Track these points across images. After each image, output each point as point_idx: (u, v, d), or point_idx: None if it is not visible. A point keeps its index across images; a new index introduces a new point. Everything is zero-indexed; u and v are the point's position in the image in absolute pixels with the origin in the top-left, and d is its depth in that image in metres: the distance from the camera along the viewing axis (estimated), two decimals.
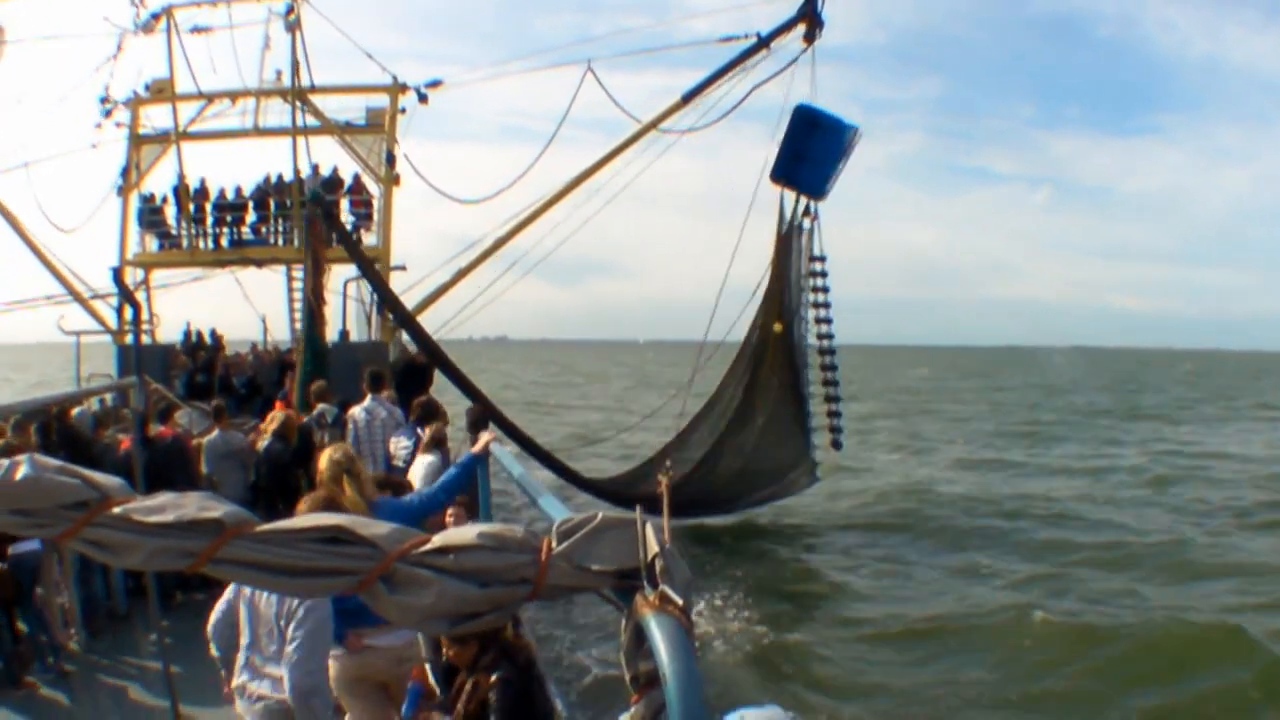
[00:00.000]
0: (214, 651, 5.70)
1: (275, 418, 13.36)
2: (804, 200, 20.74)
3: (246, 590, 5.43)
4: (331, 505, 5.62)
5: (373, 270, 21.26)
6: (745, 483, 22.44)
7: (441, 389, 18.55)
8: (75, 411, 12.50)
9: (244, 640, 5.47)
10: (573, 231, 22.71)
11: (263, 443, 12.94)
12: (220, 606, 5.64)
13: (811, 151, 20.15)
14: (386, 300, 21.61)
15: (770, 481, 22.96)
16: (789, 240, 20.93)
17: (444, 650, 5.29)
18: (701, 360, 20.97)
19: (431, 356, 19.71)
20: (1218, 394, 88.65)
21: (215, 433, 13.58)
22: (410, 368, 19.06)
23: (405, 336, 22.75)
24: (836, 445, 22.29)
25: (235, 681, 5.49)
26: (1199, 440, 45.99)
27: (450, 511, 7.28)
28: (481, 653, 4.99)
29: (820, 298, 21.37)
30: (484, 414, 12.48)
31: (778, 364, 21.39)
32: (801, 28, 20.82)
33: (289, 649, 5.19)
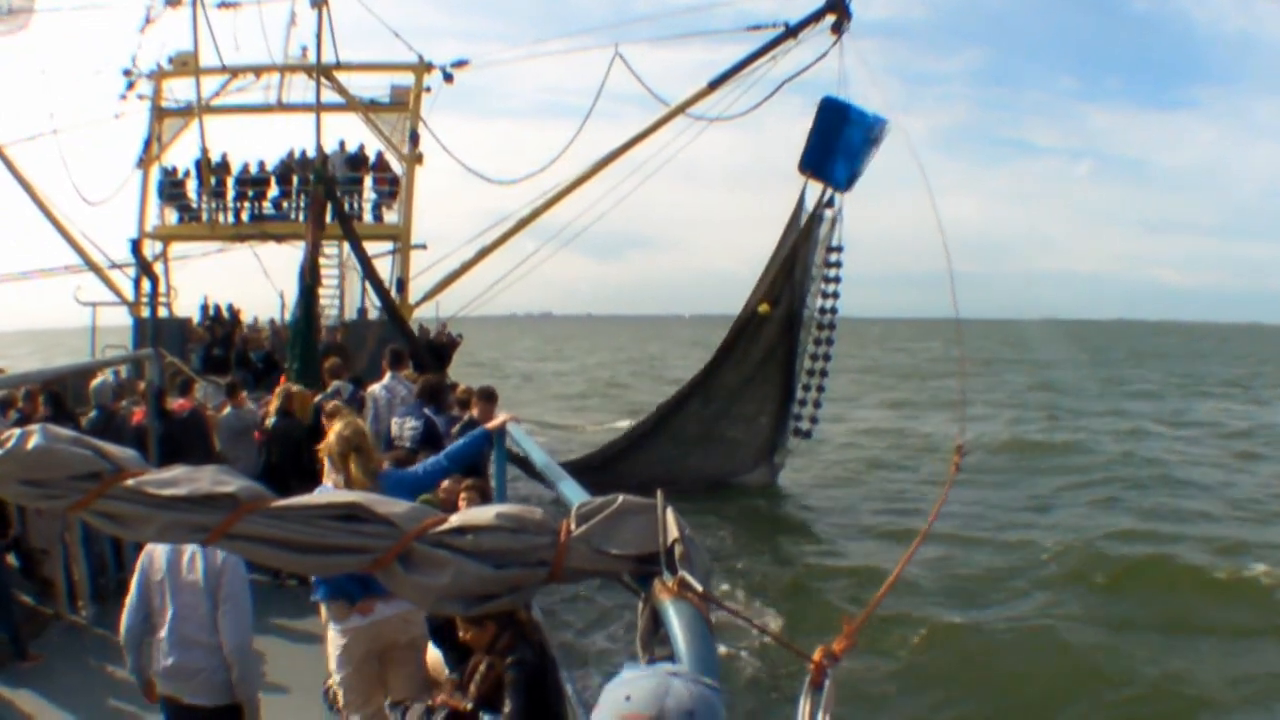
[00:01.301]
0: (129, 660, 5.62)
1: (277, 393, 13.29)
2: (828, 191, 20.70)
3: (158, 570, 5.44)
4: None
5: (365, 253, 21.27)
6: (694, 457, 22.44)
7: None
8: (95, 382, 12.47)
9: (168, 619, 5.42)
10: (603, 213, 22.91)
11: (270, 420, 12.87)
12: (131, 603, 5.56)
13: (840, 144, 20.12)
14: (372, 281, 21.64)
15: (722, 459, 22.82)
16: (808, 228, 20.90)
17: (460, 632, 5.25)
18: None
19: (410, 342, 19.78)
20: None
21: (228, 409, 13.56)
22: (428, 347, 19.11)
23: (423, 315, 22.81)
24: (808, 434, 22.31)
25: (163, 664, 5.45)
26: None
27: (462, 495, 7.23)
28: (498, 634, 4.97)
29: (831, 288, 21.35)
30: (436, 384, 12.36)
31: (762, 345, 21.44)
32: (830, 19, 20.75)
33: (223, 610, 5.33)
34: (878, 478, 28.28)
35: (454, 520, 2.33)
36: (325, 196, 19.49)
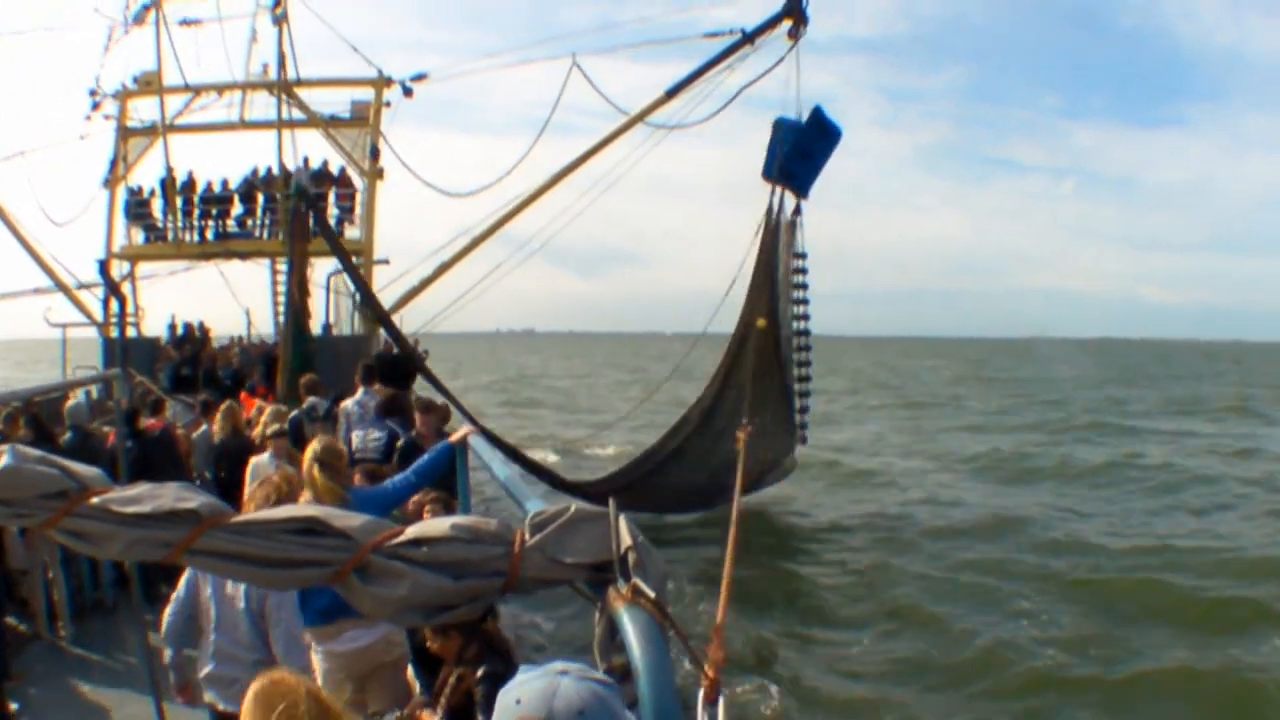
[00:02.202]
0: (167, 654, 5.78)
1: (222, 411, 13.25)
2: (793, 199, 20.66)
3: (205, 578, 5.55)
4: (286, 498, 5.72)
5: (352, 265, 21.23)
6: (717, 477, 22.34)
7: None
8: (70, 403, 12.44)
9: (211, 630, 5.58)
10: (563, 226, 22.67)
11: (218, 438, 12.78)
12: (174, 608, 5.71)
13: (816, 153, 20.17)
14: (365, 295, 21.60)
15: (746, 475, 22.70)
16: (778, 236, 20.83)
17: (427, 642, 5.29)
18: (689, 353, 20.94)
19: (405, 352, 19.75)
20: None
21: (204, 427, 13.55)
22: (390, 361, 19.06)
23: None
24: (803, 440, 22.32)
25: (204, 671, 5.59)
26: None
27: (427, 507, 7.26)
28: (465, 645, 5.00)
29: (801, 294, 21.36)
30: (396, 399, 12.39)
31: (762, 359, 21.29)
32: (787, 24, 20.75)
33: (274, 636, 5.45)
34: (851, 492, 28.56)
35: (410, 532, 2.38)
36: (307, 210, 19.47)
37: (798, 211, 20.74)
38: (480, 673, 4.86)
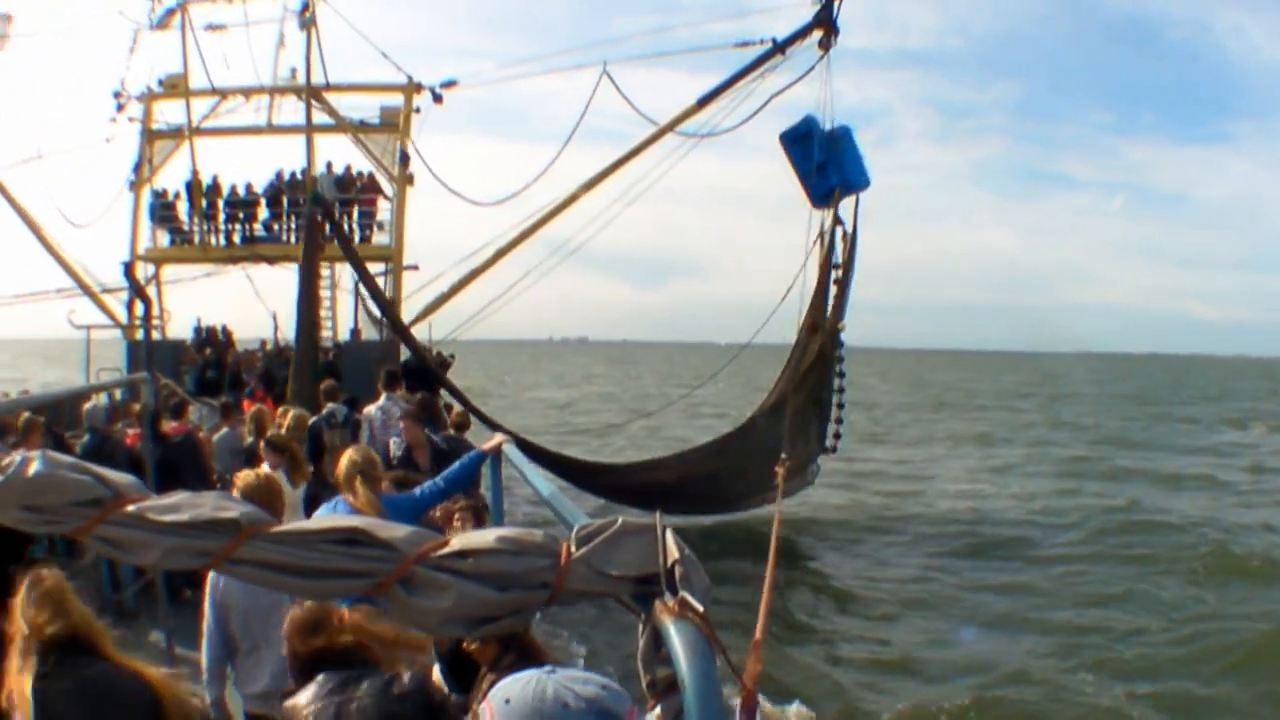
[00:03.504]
0: (211, 694, 5.80)
1: (249, 415, 13.30)
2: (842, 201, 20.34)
3: (232, 593, 5.64)
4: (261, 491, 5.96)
5: (367, 272, 21.30)
6: (754, 480, 22.24)
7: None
8: (88, 405, 12.47)
9: (249, 644, 5.69)
10: (594, 233, 22.72)
11: (248, 441, 12.83)
12: (211, 644, 5.82)
13: (827, 157, 19.96)
14: (378, 302, 21.66)
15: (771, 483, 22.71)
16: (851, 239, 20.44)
17: (464, 644, 5.27)
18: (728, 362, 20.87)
19: (419, 359, 19.78)
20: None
21: (225, 429, 13.59)
22: (419, 368, 19.11)
23: (416, 334, 22.76)
24: (833, 449, 22.18)
25: (253, 688, 5.72)
26: None
27: (456, 516, 7.24)
28: (502, 653, 4.96)
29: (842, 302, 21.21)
30: (427, 405, 12.43)
31: (817, 366, 21.14)
32: (817, 34, 20.69)
33: None
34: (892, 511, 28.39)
35: (455, 544, 2.34)
36: (323, 218, 19.52)
37: (838, 221, 20.44)
38: None
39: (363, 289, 23.87)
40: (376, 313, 24.37)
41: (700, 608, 2.21)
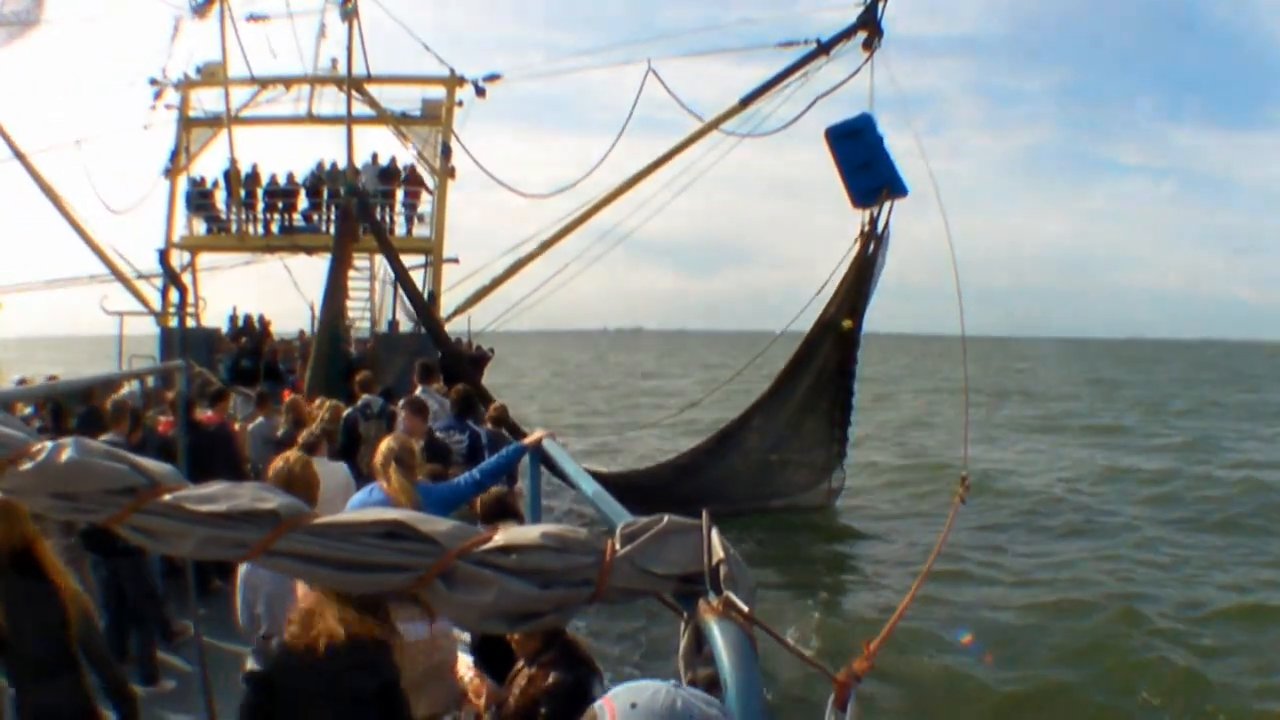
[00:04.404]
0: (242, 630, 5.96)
1: (286, 405, 13.34)
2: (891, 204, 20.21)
3: (259, 575, 5.67)
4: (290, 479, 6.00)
5: (401, 264, 21.39)
6: (765, 481, 22.16)
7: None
8: (124, 391, 12.51)
9: (264, 621, 5.71)
10: (637, 225, 22.90)
11: (281, 430, 12.83)
12: (241, 606, 5.89)
13: (868, 157, 19.82)
14: (411, 296, 21.74)
15: (791, 486, 22.63)
16: (882, 241, 20.33)
17: (507, 635, 5.26)
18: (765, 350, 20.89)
19: (447, 352, 19.83)
20: None
21: (260, 419, 13.63)
22: (456, 359, 19.17)
23: (455, 329, 22.84)
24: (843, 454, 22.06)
25: None
26: None
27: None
28: (544, 648, 4.94)
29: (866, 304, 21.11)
30: (467, 398, 12.43)
31: (833, 362, 21.02)
32: (861, 35, 20.61)
33: None
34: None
35: (498, 539, 2.31)
36: (359, 209, 19.60)
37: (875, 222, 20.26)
38: (550, 681, 4.78)
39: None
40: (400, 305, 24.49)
41: (745, 608, 2.19)
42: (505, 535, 2.34)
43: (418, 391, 13.09)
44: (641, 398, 62.91)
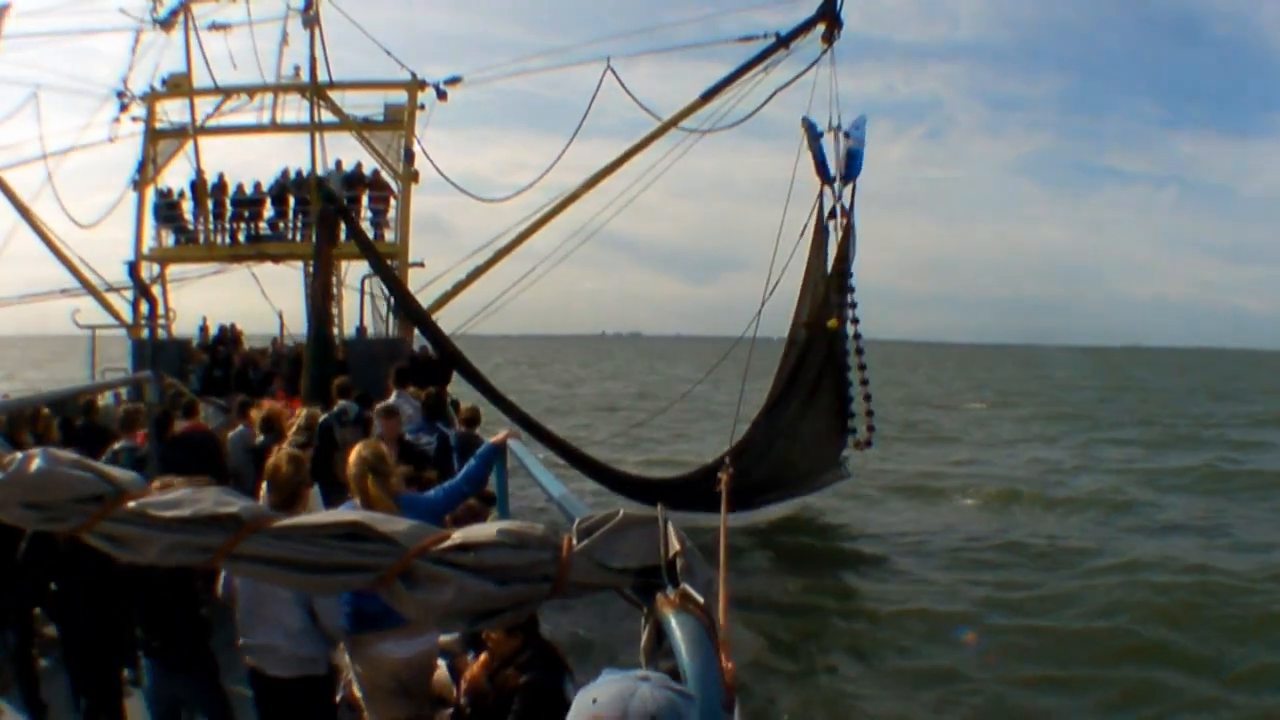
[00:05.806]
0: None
1: (263, 413, 13.28)
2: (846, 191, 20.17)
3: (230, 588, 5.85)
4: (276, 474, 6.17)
5: (387, 268, 21.35)
6: (779, 477, 22.14)
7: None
8: (101, 404, 12.47)
9: (244, 599, 5.81)
10: (603, 224, 22.80)
11: (259, 439, 12.77)
12: (223, 581, 5.98)
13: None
14: (401, 298, 21.67)
15: (803, 480, 22.72)
16: (851, 235, 20.28)
17: (484, 635, 5.28)
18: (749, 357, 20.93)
19: (446, 355, 19.77)
20: None
21: (240, 427, 13.57)
22: (424, 364, 19.10)
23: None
24: (869, 444, 21.96)
25: (246, 639, 5.85)
26: None
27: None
28: (521, 649, 4.98)
29: (851, 297, 21.05)
30: (437, 400, 12.46)
31: (828, 360, 20.98)
32: (821, 28, 20.62)
33: (318, 603, 5.73)
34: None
35: (456, 537, 2.34)
36: (336, 215, 19.52)
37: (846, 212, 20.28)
38: (523, 680, 4.83)
39: (369, 286, 23.82)
40: (384, 310, 24.34)
41: (701, 600, 2.22)
42: (463, 533, 2.36)
43: (393, 396, 13.08)
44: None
